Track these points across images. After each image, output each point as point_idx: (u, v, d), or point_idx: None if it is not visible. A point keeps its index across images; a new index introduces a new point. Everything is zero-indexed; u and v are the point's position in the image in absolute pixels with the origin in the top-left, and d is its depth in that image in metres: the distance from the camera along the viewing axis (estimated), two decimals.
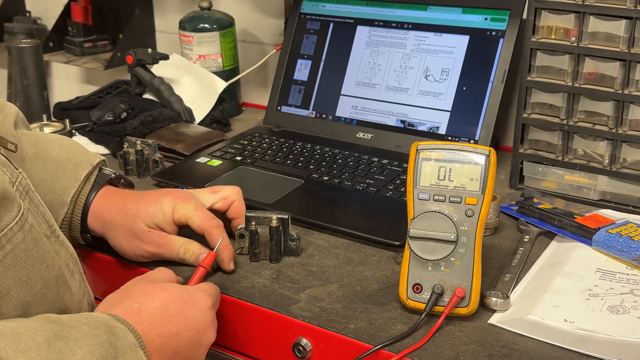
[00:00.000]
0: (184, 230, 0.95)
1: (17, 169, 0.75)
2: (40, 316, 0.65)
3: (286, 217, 0.95)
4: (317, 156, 1.27)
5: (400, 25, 1.33)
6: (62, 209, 0.93)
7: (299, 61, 1.43)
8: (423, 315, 0.82)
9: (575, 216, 1.04)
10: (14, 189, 0.72)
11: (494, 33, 1.25)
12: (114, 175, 0.99)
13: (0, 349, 0.56)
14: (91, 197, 0.95)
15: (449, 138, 1.26)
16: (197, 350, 0.77)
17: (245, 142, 1.34)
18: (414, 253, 0.83)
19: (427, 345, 0.79)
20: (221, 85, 1.50)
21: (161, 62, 1.51)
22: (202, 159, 1.26)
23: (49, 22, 1.91)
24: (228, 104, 1.53)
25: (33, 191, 0.77)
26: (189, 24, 1.52)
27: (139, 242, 0.93)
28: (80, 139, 1.37)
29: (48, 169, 0.93)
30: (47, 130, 1.37)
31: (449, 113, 1.27)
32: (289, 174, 1.20)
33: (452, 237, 0.82)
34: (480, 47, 1.25)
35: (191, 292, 0.79)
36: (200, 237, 0.94)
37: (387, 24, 1.35)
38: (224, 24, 1.53)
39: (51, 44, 1.79)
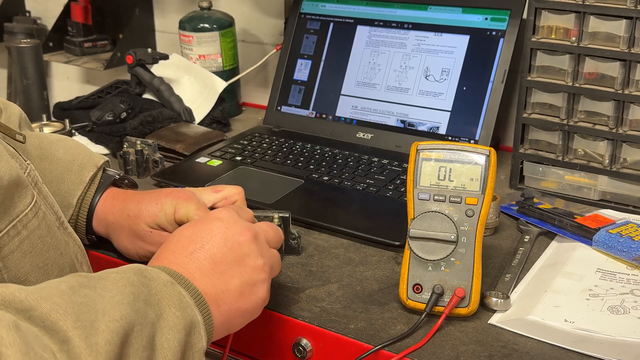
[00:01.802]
0: None
1: (25, 161, 0.76)
2: (68, 275, 0.64)
3: (287, 215, 0.95)
4: (317, 156, 1.27)
5: (401, 25, 1.33)
6: (67, 210, 0.93)
7: (299, 61, 1.43)
8: (423, 316, 0.82)
9: (575, 216, 1.03)
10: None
11: (494, 33, 1.25)
12: (118, 176, 0.99)
13: (22, 299, 0.54)
14: (96, 199, 0.95)
15: (449, 138, 1.26)
16: (239, 250, 0.72)
17: (245, 142, 1.34)
18: (414, 253, 0.83)
19: (427, 346, 0.79)
20: (221, 85, 1.50)
21: (161, 62, 1.51)
22: (202, 159, 1.26)
23: (49, 22, 1.91)
24: (228, 104, 1.53)
25: (41, 183, 0.77)
26: (189, 24, 1.52)
27: (141, 243, 0.93)
28: (80, 139, 1.37)
29: (53, 170, 0.93)
30: (46, 130, 1.37)
31: (449, 113, 1.27)
32: (289, 174, 1.20)
33: (452, 237, 0.82)
34: (481, 47, 1.25)
35: (207, 214, 0.77)
36: None
37: (387, 24, 1.35)
38: (224, 24, 1.53)
39: (51, 44, 1.79)
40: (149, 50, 1.50)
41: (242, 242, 0.73)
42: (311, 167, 1.23)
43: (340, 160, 1.25)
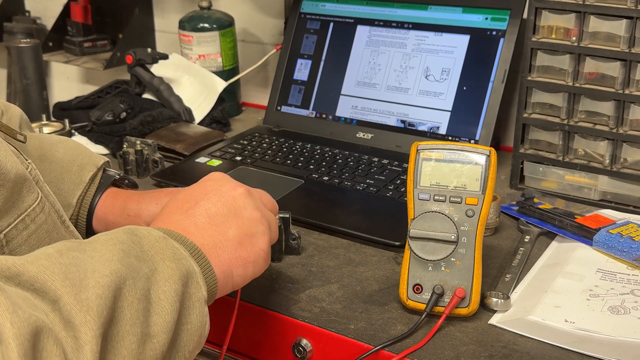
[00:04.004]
0: None
1: (26, 160, 0.76)
2: (57, 242, 0.63)
3: (287, 216, 0.95)
4: (317, 156, 1.26)
5: (401, 25, 1.33)
6: (67, 211, 0.93)
7: (299, 61, 1.42)
8: (423, 316, 0.81)
9: (575, 216, 1.03)
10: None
11: (494, 33, 1.25)
12: (118, 177, 0.99)
13: (9, 266, 0.54)
14: (96, 199, 0.95)
15: (450, 138, 1.26)
16: (234, 203, 0.73)
17: (245, 142, 1.33)
18: (415, 253, 0.83)
19: (428, 346, 0.79)
20: (221, 85, 1.50)
21: (161, 61, 1.51)
22: (201, 159, 1.26)
23: (49, 21, 1.91)
24: (228, 104, 1.53)
25: (42, 182, 0.78)
26: (188, 24, 1.52)
27: None
28: (79, 139, 1.37)
29: (53, 170, 0.93)
30: (46, 130, 1.37)
31: (449, 113, 1.27)
32: (289, 174, 1.20)
33: (453, 237, 0.82)
34: (481, 47, 1.25)
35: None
36: None
37: (387, 24, 1.35)
38: (224, 24, 1.53)
39: (51, 44, 1.79)
40: (149, 50, 1.50)
41: (236, 196, 0.74)
42: (311, 167, 1.22)
43: (340, 160, 1.25)
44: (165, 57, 1.52)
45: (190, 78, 1.52)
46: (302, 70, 1.42)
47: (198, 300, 0.64)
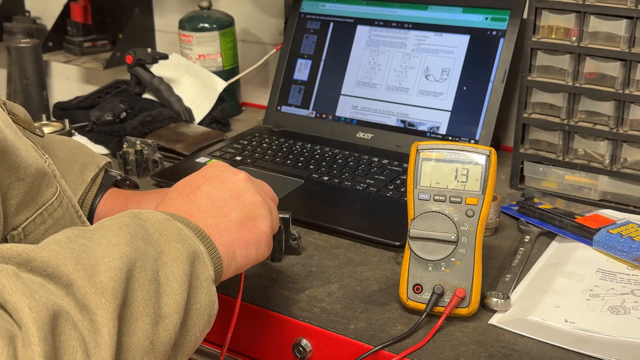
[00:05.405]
0: None
1: (44, 155, 0.76)
2: (63, 230, 0.64)
3: (287, 216, 0.95)
4: (317, 156, 1.26)
5: (401, 25, 1.33)
6: None
7: (299, 61, 1.42)
8: (423, 316, 0.81)
9: (575, 216, 1.03)
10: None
11: (494, 33, 1.25)
12: (119, 177, 0.99)
13: (20, 252, 0.54)
14: (97, 199, 0.95)
15: (450, 138, 1.26)
16: (235, 188, 0.74)
17: (245, 142, 1.33)
18: (415, 253, 0.83)
19: (428, 346, 0.79)
20: (221, 85, 1.50)
21: (161, 61, 1.51)
22: (201, 159, 1.26)
23: (49, 21, 1.91)
24: (228, 104, 1.53)
25: (59, 176, 0.78)
26: (188, 24, 1.52)
27: None
28: (79, 139, 1.36)
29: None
30: (46, 130, 1.36)
31: (449, 113, 1.27)
32: (289, 174, 1.20)
33: (453, 237, 0.82)
34: (481, 47, 1.25)
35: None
36: None
37: (387, 24, 1.35)
38: (224, 24, 1.53)
39: (50, 44, 1.79)
40: (149, 50, 1.50)
41: (237, 181, 0.75)
42: (311, 167, 1.22)
43: (340, 160, 1.25)
44: (165, 57, 1.52)
45: (190, 78, 1.52)
46: (302, 70, 1.42)
47: (206, 279, 0.65)
